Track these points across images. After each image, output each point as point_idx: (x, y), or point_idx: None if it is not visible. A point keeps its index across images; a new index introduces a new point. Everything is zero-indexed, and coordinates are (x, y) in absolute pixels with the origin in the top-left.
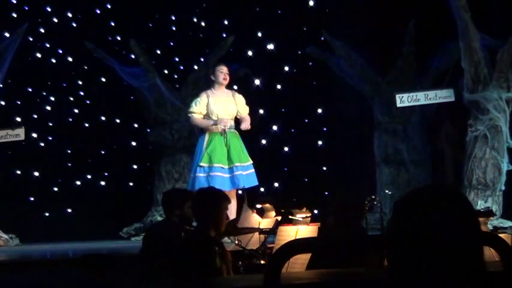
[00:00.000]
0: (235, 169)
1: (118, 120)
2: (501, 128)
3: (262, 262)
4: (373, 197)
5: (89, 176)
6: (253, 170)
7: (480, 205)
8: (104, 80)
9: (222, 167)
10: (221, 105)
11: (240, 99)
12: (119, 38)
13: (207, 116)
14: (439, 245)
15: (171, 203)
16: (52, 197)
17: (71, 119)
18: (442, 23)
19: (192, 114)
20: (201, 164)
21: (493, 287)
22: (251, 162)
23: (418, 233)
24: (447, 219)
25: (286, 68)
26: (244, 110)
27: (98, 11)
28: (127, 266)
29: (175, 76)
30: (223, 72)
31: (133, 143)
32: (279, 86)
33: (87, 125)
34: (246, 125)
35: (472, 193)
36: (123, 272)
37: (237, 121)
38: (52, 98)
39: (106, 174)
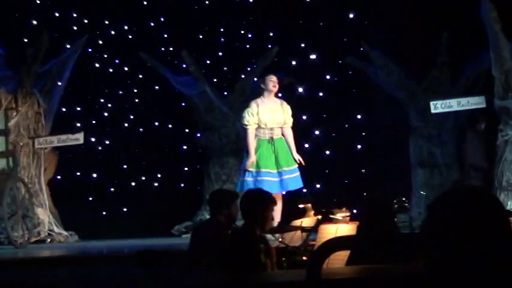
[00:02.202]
0: (283, 173)
1: (170, 126)
2: None
3: (304, 258)
4: (403, 198)
5: (143, 178)
6: (298, 172)
7: (510, 206)
8: (157, 88)
9: (270, 172)
10: (269, 114)
11: (288, 109)
12: (171, 49)
13: (257, 125)
14: (471, 243)
15: (219, 202)
16: (109, 197)
17: (126, 124)
18: (474, 34)
19: (248, 127)
20: (249, 169)
21: None
22: (296, 165)
23: (452, 232)
24: (479, 218)
25: (328, 77)
26: (289, 121)
27: (152, 24)
28: (178, 261)
29: (224, 84)
30: (272, 81)
31: (184, 147)
32: (320, 94)
33: (141, 130)
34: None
35: (502, 194)
36: (174, 267)
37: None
38: (109, 105)
39: (159, 175)
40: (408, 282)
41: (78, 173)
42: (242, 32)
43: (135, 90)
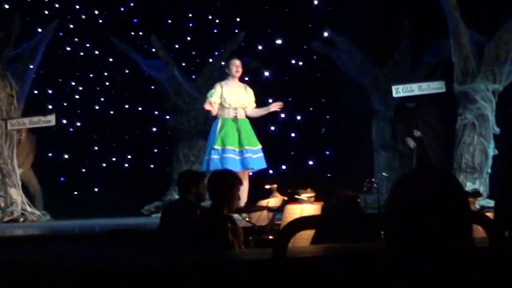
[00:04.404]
0: (245, 152)
1: (140, 108)
2: (488, 117)
3: (270, 237)
4: (372, 179)
5: (114, 159)
6: (262, 154)
7: (469, 187)
8: (127, 71)
9: (234, 150)
10: (234, 95)
11: (251, 93)
12: (141, 33)
13: (220, 104)
14: (432, 222)
15: (187, 182)
16: (80, 178)
17: (97, 107)
18: (435, 21)
19: None
20: (215, 146)
21: (480, 260)
22: (260, 146)
23: (413, 212)
24: (440, 199)
25: (293, 61)
26: (252, 104)
27: (122, 9)
28: (147, 240)
29: (192, 68)
30: (235, 66)
31: (154, 129)
32: (286, 78)
33: (112, 112)
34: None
35: (461, 176)
36: (144, 245)
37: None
38: (80, 88)
39: (129, 156)
40: (371, 260)
41: (50, 154)
42: (210, 17)
43: (106, 74)
